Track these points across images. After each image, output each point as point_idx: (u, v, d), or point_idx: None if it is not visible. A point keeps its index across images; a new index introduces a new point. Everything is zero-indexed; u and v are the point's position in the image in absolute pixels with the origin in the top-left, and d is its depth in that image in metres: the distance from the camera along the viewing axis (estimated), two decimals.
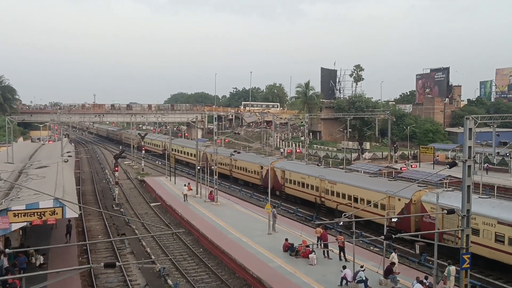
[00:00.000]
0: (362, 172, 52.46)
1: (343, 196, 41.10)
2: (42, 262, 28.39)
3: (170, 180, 59.62)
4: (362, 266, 23.45)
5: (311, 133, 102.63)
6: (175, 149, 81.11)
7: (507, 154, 72.04)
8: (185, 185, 50.94)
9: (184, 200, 47.15)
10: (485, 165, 55.95)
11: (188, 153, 79.20)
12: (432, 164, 70.01)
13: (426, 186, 35.78)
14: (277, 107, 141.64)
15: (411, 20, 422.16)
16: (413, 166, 66.94)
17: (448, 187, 38.98)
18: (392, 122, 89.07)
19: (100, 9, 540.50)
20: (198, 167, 51.10)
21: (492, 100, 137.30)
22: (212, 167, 48.87)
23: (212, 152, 61.35)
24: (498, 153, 72.43)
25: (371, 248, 33.16)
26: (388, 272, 23.72)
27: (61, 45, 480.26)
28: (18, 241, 30.62)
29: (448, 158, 76.60)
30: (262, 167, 54.85)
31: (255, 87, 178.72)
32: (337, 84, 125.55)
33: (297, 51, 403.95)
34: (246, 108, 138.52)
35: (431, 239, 26.89)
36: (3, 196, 28.15)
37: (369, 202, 36.40)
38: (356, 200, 38.97)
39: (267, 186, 46.06)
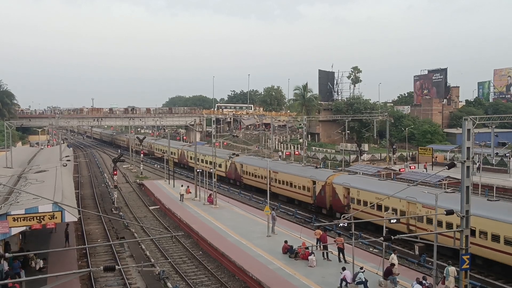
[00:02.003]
0: (361, 174, 52.43)
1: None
2: (41, 266, 28.39)
3: (169, 184, 59.60)
4: (361, 268, 23.49)
5: (309, 135, 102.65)
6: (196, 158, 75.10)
7: (506, 155, 72.14)
8: (182, 185, 52.43)
9: (180, 200, 48.22)
10: (477, 163, 55.96)
11: (218, 164, 71.65)
12: (431, 165, 70.05)
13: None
14: (250, 108, 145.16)
15: (408, 21, 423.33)
16: (411, 167, 66.94)
17: (447, 188, 39.04)
18: (390, 123, 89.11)
19: (98, 12, 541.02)
20: (198, 170, 51.07)
21: (490, 101, 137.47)
22: (211, 170, 48.76)
23: (243, 162, 60.82)
24: (497, 153, 72.52)
25: (371, 249, 33.22)
26: (388, 273, 23.75)
27: (58, 48, 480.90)
28: (17, 246, 30.57)
29: (446, 159, 76.70)
30: (315, 182, 45.15)
31: (253, 89, 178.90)
32: (335, 86, 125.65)
33: (295, 53, 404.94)
34: (219, 110, 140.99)
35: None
36: (3, 200, 28.13)
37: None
38: None
39: (322, 206, 44.42)
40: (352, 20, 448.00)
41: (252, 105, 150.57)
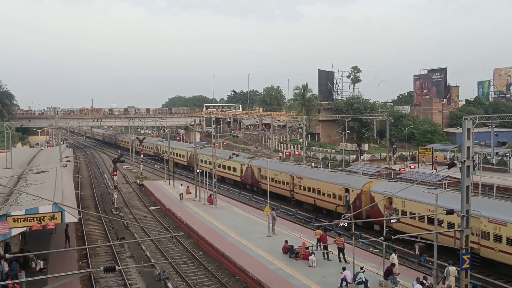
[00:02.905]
0: (361, 173, 52.38)
1: None
2: (42, 267, 28.40)
3: (169, 184, 59.58)
4: (362, 268, 23.48)
5: (309, 135, 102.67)
6: (206, 161, 67.36)
7: (506, 154, 72.12)
8: (181, 184, 53.06)
9: (180, 199, 48.68)
10: (474, 161, 55.70)
11: (229, 167, 64.44)
12: (431, 164, 70.06)
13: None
14: (239, 108, 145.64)
15: (408, 21, 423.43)
16: (411, 167, 66.92)
17: (448, 188, 39.05)
18: (390, 123, 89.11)
19: (98, 12, 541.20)
20: (198, 171, 51.08)
21: (490, 100, 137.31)
22: (211, 170, 48.76)
23: (261, 166, 55.44)
24: (497, 153, 72.52)
25: (371, 249, 33.21)
26: (388, 273, 23.74)
27: (58, 48, 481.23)
28: (18, 246, 30.59)
29: (447, 158, 76.69)
30: (348, 190, 40.48)
31: (252, 89, 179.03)
32: (334, 85, 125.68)
33: (295, 53, 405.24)
34: (208, 110, 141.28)
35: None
36: (3, 201, 28.13)
37: None
38: None
39: (355, 216, 36.51)
40: (352, 20, 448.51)
41: (240, 105, 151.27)
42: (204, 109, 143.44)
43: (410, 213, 33.20)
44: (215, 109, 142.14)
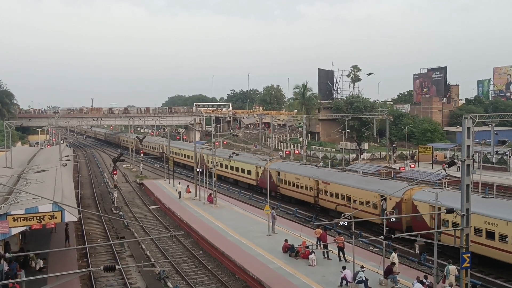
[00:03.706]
0: (361, 173, 52.33)
1: None
2: (42, 266, 28.38)
3: (169, 183, 59.55)
4: (362, 267, 23.46)
5: (309, 134, 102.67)
6: (224, 165, 64.13)
7: (506, 153, 72.12)
8: (179, 182, 53.68)
9: (179, 197, 49.27)
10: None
11: (243, 169, 60.52)
12: (430, 163, 70.11)
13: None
14: (228, 107, 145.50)
15: (408, 20, 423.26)
16: (411, 165, 66.90)
17: (447, 187, 39.02)
18: (390, 122, 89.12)
19: (97, 12, 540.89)
20: (198, 170, 51.08)
21: (490, 99, 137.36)
22: (211, 170, 48.78)
23: (279, 169, 52.02)
24: (497, 151, 72.53)
25: (371, 248, 33.18)
26: (388, 272, 23.74)
27: (58, 48, 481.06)
28: (17, 246, 30.56)
29: (446, 157, 76.68)
30: (385, 198, 35.59)
31: (252, 88, 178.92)
32: (334, 84, 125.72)
33: (295, 52, 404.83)
34: (198, 108, 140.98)
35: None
36: (2, 200, 28.10)
37: None
38: None
39: (395, 227, 34.10)
40: (352, 19, 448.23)
41: (230, 105, 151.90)
42: (194, 107, 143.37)
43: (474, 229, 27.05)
44: (204, 108, 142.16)
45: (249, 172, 58.37)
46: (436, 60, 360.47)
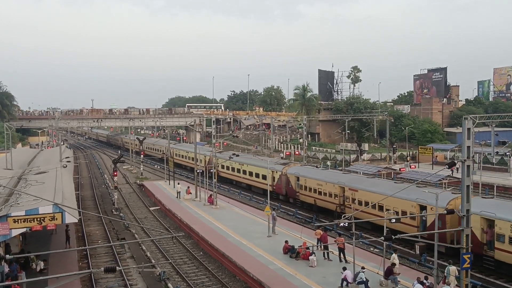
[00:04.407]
0: (361, 173, 52.34)
1: None
2: (42, 267, 28.40)
3: (169, 184, 59.56)
4: (362, 267, 23.47)
5: (309, 135, 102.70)
6: (228, 167, 62.91)
7: (506, 154, 72.14)
8: (178, 183, 53.88)
9: (177, 197, 49.71)
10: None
11: (257, 174, 56.49)
12: (431, 164, 70.13)
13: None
14: (221, 108, 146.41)
15: (408, 20, 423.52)
16: (412, 166, 66.91)
17: (447, 187, 39.04)
18: (390, 123, 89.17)
19: (97, 12, 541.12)
20: (198, 171, 51.10)
21: (490, 100, 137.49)
22: (211, 170, 48.79)
23: (299, 174, 48.31)
24: (497, 152, 72.56)
25: (371, 249, 33.19)
26: (389, 272, 23.74)
27: (58, 48, 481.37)
28: (18, 247, 30.59)
29: (447, 158, 76.71)
30: (425, 208, 31.96)
31: (252, 89, 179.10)
32: (334, 85, 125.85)
33: (295, 53, 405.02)
34: (191, 110, 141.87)
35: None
36: (3, 202, 28.12)
37: None
38: None
39: (439, 242, 26.11)
40: (352, 19, 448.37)
41: (222, 105, 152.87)
42: (186, 109, 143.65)
43: None
44: (196, 109, 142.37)
45: (264, 177, 53.08)
46: (436, 61, 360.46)
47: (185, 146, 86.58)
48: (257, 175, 56.46)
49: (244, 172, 59.89)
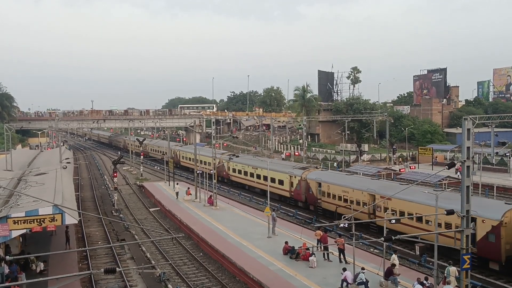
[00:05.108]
0: (361, 174, 52.32)
1: None
2: (42, 268, 28.39)
3: (169, 185, 59.55)
4: (362, 268, 23.48)
5: (309, 136, 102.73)
6: (240, 170, 60.21)
7: (506, 154, 72.15)
8: (177, 183, 54.20)
9: (176, 198, 50.10)
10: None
11: (273, 179, 51.65)
12: (431, 165, 70.14)
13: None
14: (212, 108, 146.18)
15: (408, 21, 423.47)
16: (411, 167, 66.96)
17: (447, 188, 39.02)
18: (390, 123, 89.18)
19: (97, 13, 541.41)
20: (198, 172, 51.08)
21: (490, 100, 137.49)
22: (211, 171, 48.75)
23: (321, 180, 44.69)
24: (497, 153, 72.57)
25: (371, 249, 33.20)
26: (389, 273, 23.75)
27: (58, 49, 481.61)
28: (18, 248, 30.59)
29: (447, 159, 76.73)
30: (474, 220, 27.55)
31: (252, 90, 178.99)
32: (334, 86, 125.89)
33: (295, 54, 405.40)
34: (183, 110, 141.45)
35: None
36: (3, 203, 28.12)
37: None
38: None
39: (489, 256, 28.10)
40: (352, 20, 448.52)
41: (214, 105, 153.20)
42: (178, 109, 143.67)
43: None
44: (188, 110, 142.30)
45: (281, 182, 50.72)
46: (436, 61, 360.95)
47: (193, 149, 79.31)
48: (272, 180, 51.25)
49: (258, 176, 55.88)
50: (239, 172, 61.02)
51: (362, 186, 39.50)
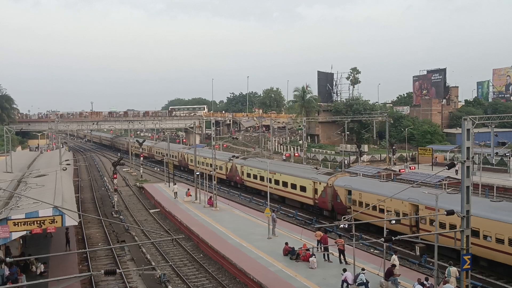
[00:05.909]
0: (361, 175, 52.30)
1: None
2: (42, 270, 28.34)
3: (169, 187, 59.52)
4: (362, 269, 23.48)
5: (309, 137, 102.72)
6: (255, 175, 56.45)
7: (506, 154, 72.15)
8: (175, 183, 54.55)
9: (174, 198, 50.70)
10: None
11: (294, 185, 48.57)
12: (430, 165, 70.14)
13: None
14: (204, 109, 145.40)
15: (407, 21, 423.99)
16: (411, 167, 66.95)
17: (447, 188, 38.99)
18: (389, 124, 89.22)
19: (97, 15, 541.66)
20: (197, 173, 51.09)
21: (489, 101, 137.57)
22: (211, 173, 48.73)
23: (354, 188, 40.30)
24: (496, 153, 72.58)
25: (372, 250, 33.19)
26: (389, 274, 23.73)
27: (57, 52, 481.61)
28: (18, 250, 30.55)
29: (446, 159, 76.73)
30: None
31: (252, 91, 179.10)
32: (334, 87, 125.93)
33: (294, 54, 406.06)
34: (174, 112, 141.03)
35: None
36: (3, 205, 28.12)
37: None
38: None
39: None
40: (351, 21, 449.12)
41: (205, 107, 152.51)
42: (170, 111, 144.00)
43: None
44: (180, 111, 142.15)
45: (303, 189, 46.71)
46: (435, 61, 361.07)
47: (203, 152, 69.83)
48: (293, 186, 48.50)
49: (277, 182, 51.26)
50: (254, 177, 56.66)
51: (402, 195, 32.57)
